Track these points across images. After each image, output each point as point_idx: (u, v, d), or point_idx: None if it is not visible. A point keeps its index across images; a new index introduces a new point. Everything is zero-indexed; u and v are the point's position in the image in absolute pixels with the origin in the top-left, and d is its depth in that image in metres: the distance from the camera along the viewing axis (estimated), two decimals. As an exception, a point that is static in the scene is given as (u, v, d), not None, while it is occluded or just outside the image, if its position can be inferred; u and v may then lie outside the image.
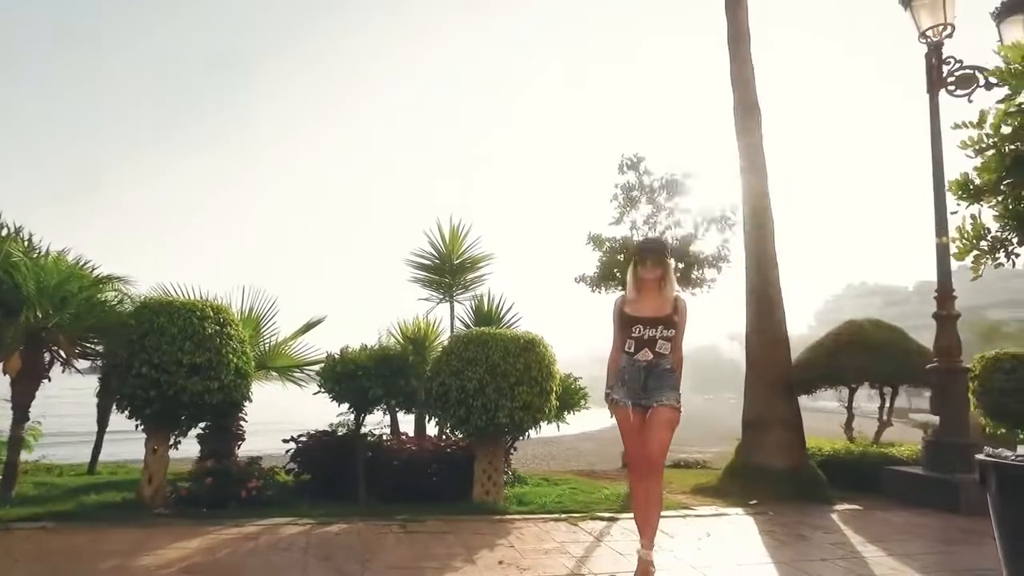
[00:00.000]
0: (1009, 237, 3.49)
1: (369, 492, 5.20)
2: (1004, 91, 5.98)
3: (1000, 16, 6.25)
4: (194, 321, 4.62)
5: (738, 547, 4.01)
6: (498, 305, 6.98)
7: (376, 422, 5.96)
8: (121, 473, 6.57)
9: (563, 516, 4.79)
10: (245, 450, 5.95)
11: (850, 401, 8.23)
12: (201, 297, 5.43)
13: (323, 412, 5.90)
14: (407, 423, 6.48)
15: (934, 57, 6.08)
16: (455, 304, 6.68)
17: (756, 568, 3.52)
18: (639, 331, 3.30)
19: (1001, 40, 6.26)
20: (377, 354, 5.32)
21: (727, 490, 5.94)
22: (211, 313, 4.77)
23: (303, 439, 5.60)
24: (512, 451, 6.32)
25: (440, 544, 3.81)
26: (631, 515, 4.91)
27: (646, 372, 3.29)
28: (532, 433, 5.54)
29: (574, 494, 5.82)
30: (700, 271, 5.98)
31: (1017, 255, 3.60)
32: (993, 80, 6.34)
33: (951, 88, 6.19)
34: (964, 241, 3.71)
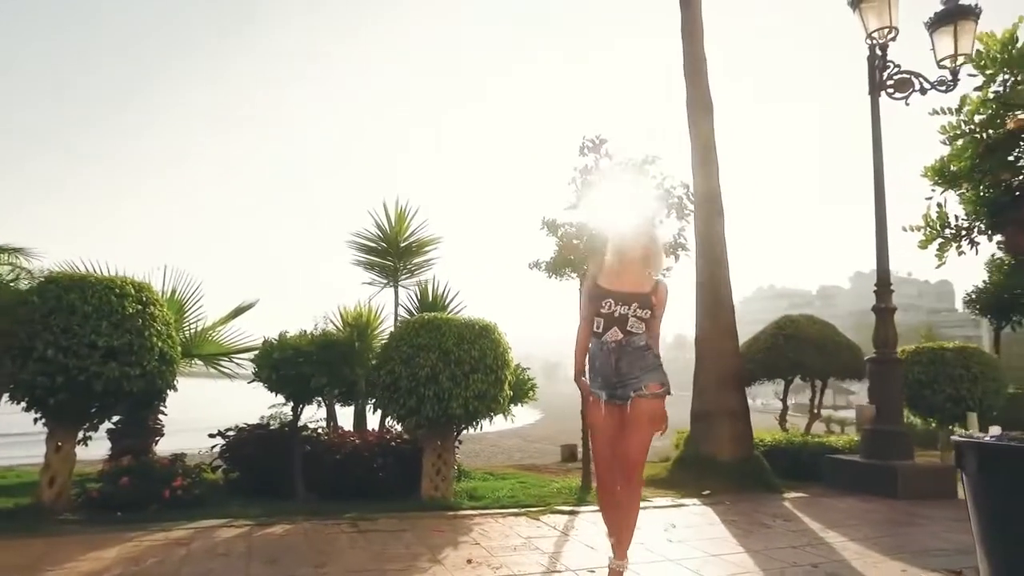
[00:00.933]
0: (974, 225, 3.59)
1: (308, 489, 4.79)
2: (938, 95, 6.17)
3: (933, 26, 6.57)
4: (112, 299, 4.05)
5: (706, 537, 3.91)
6: (443, 293, 6.67)
7: (309, 416, 5.53)
8: (11, 477, 5.77)
9: (521, 511, 4.57)
10: (159, 452, 5.36)
11: (785, 394, 8.47)
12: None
13: (244, 410, 5.42)
14: (344, 417, 6.07)
15: (877, 59, 6.29)
16: (400, 290, 6.30)
17: (732, 558, 3.42)
18: (609, 306, 2.79)
19: (934, 48, 6.57)
20: (320, 340, 4.90)
21: (678, 481, 5.91)
22: (132, 291, 4.21)
23: (232, 434, 5.10)
24: (458, 444, 6.04)
25: (399, 543, 3.49)
26: (592, 508, 4.80)
27: (617, 354, 2.79)
28: (486, 424, 5.29)
29: (525, 488, 5.61)
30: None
31: (978, 243, 3.72)
32: (929, 84, 6.64)
33: (890, 91, 6.43)
34: (930, 229, 3.79)
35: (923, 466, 5.80)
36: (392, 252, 6.18)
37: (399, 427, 5.65)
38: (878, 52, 6.23)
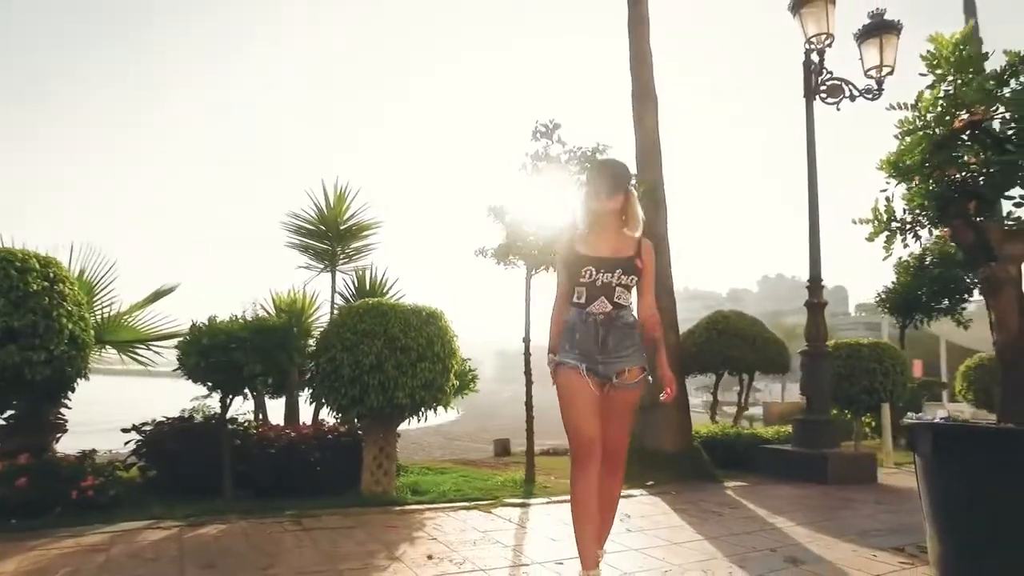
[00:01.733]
0: (918, 218, 3.73)
1: (238, 486, 4.41)
2: (865, 101, 6.44)
3: (861, 38, 6.92)
4: (12, 273, 3.55)
5: (664, 526, 3.89)
6: (382, 279, 6.39)
7: (234, 409, 5.12)
8: None
9: (471, 504, 4.40)
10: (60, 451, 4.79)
11: (716, 387, 8.71)
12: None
13: (158, 409, 4.94)
14: (272, 410, 5.67)
15: (814, 65, 6.54)
16: (337, 275, 5.96)
17: (694, 545, 3.40)
18: (590, 275, 2.50)
19: (862, 58, 6.92)
20: (255, 325, 4.52)
21: (620, 472, 5.90)
22: (36, 265, 3.71)
23: (149, 429, 4.63)
24: (398, 436, 5.79)
25: (350, 541, 3.23)
26: (543, 500, 4.70)
27: (604, 328, 2.49)
28: (431, 416, 5.06)
29: (468, 482, 5.45)
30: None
31: (919, 236, 3.88)
32: (857, 91, 6.96)
33: (823, 96, 6.72)
34: (877, 222, 3.92)
35: (848, 454, 6.08)
36: (330, 235, 5.82)
37: (333, 419, 5.35)
38: (815, 57, 6.48)
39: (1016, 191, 3.34)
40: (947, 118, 3.30)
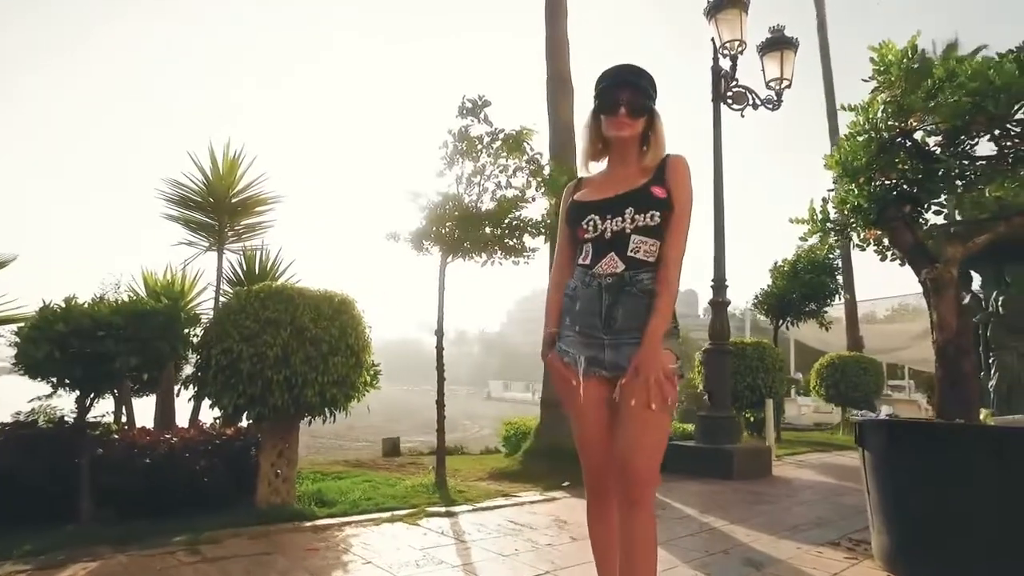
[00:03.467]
0: (849, 220, 3.84)
1: (99, 505, 3.61)
2: (766, 111, 6.67)
3: (763, 50, 7.26)
4: None
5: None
6: (274, 262, 5.66)
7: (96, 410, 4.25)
8: None
9: (390, 516, 3.93)
10: None
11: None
12: None
13: None
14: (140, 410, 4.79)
15: (723, 71, 6.72)
16: (226, 254, 5.17)
17: (648, 552, 3.21)
18: (593, 225, 1.84)
19: (764, 70, 7.24)
20: (130, 308, 3.72)
21: (534, 472, 5.69)
22: None
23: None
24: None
25: (269, 571, 2.67)
26: (467, 507, 4.31)
27: (612, 295, 1.80)
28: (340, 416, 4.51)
29: (375, 488, 4.93)
30: (519, 239, 5.59)
31: (849, 237, 4.01)
32: (759, 100, 7.24)
33: (729, 101, 6.93)
34: (813, 223, 3.99)
35: (750, 448, 6.30)
36: (218, 208, 5.02)
37: (214, 419, 4.64)
38: (727, 63, 6.66)
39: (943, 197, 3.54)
40: (891, 123, 3.39)
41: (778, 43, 7.21)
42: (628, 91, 1.83)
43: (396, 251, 5.36)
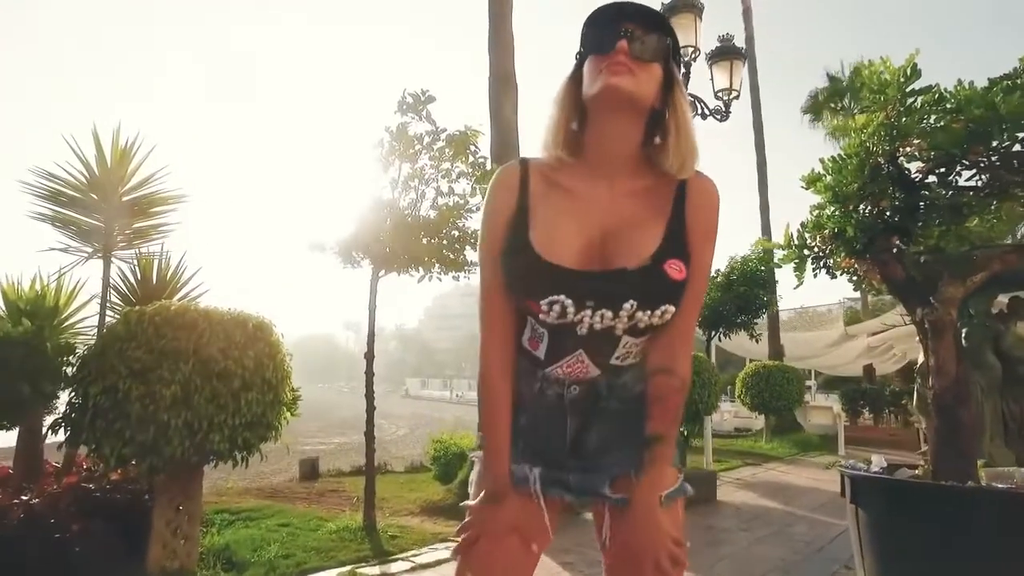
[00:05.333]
0: (829, 247, 3.59)
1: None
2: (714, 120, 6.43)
3: (712, 59, 7.08)
4: None
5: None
6: (176, 270, 4.86)
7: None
8: None
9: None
10: None
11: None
12: None
13: None
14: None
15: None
16: (117, 262, 4.34)
17: None
18: (559, 310, 1.10)
19: (712, 80, 7.06)
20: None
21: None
22: None
23: None
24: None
25: None
26: (406, 566, 3.73)
27: (580, 415, 1.20)
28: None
29: (293, 536, 4.28)
30: (460, 252, 5.04)
31: (828, 267, 3.76)
32: (708, 110, 7.03)
33: (678, 110, 6.70)
34: (790, 249, 3.71)
35: (698, 475, 6.08)
36: (105, 207, 4.19)
37: (94, 466, 3.86)
38: (680, 69, 6.40)
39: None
40: (886, 147, 3.15)
41: (727, 52, 7.05)
42: (635, 23, 1.09)
43: (320, 262, 4.72)
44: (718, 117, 6.89)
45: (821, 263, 3.59)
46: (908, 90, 3.06)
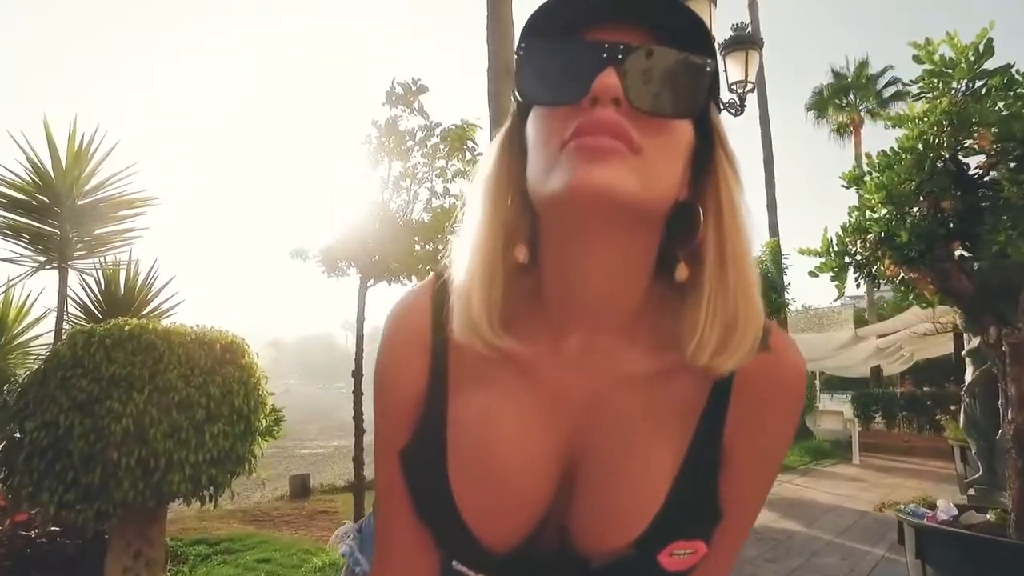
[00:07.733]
0: (876, 254, 3.16)
1: None
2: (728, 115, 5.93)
3: (725, 49, 6.66)
4: None
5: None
6: (145, 280, 4.42)
7: None
8: None
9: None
10: None
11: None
12: None
13: None
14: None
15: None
16: (71, 272, 3.90)
17: None
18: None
19: (726, 71, 6.64)
20: None
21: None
22: None
23: None
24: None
25: None
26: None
27: None
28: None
29: (278, 573, 3.86)
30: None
31: (874, 276, 3.33)
32: (723, 104, 6.62)
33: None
34: (829, 257, 3.28)
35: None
36: (58, 211, 3.75)
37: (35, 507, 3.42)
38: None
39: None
40: (950, 139, 2.72)
41: (742, 41, 6.62)
42: (636, 23, 0.55)
43: (304, 270, 4.29)
44: (733, 112, 6.46)
45: (864, 271, 3.17)
46: (979, 70, 2.62)
